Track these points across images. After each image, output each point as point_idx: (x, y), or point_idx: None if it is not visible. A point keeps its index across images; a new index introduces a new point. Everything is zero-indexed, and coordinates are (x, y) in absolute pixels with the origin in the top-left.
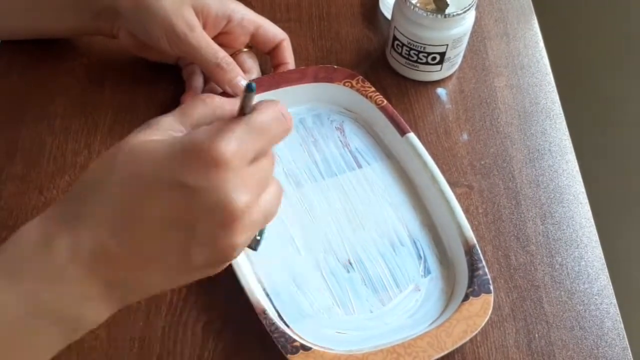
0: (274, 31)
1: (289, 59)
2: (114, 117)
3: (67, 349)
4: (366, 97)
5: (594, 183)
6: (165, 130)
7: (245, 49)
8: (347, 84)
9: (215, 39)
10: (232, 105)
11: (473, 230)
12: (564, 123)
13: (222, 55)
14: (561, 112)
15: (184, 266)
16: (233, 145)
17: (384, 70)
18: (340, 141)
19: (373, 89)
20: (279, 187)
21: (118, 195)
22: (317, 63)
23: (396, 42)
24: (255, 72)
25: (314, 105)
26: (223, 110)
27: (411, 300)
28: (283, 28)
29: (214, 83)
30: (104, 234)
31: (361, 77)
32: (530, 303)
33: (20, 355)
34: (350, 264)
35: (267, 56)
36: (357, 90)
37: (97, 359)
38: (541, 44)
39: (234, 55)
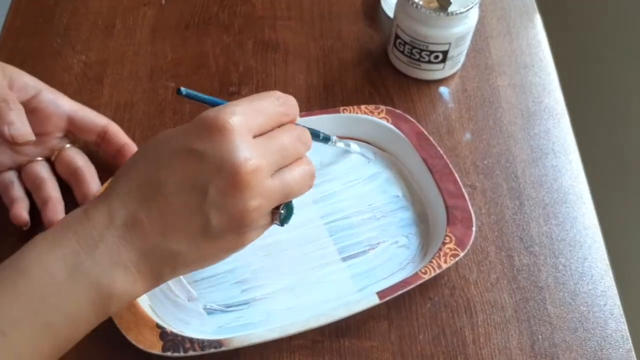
0: (92, 117)
1: (124, 140)
2: (112, 116)
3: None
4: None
5: (598, 183)
6: None
7: (69, 145)
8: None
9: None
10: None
11: (476, 231)
12: (568, 122)
13: (10, 96)
14: (565, 111)
15: (204, 231)
16: (235, 116)
17: (386, 68)
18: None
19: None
20: (308, 169)
21: (143, 170)
22: (318, 62)
23: (398, 41)
24: (90, 167)
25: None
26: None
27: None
28: (284, 26)
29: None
30: (133, 203)
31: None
32: (534, 304)
33: (64, 319)
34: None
35: None
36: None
37: (98, 358)
38: (544, 42)
39: (60, 152)
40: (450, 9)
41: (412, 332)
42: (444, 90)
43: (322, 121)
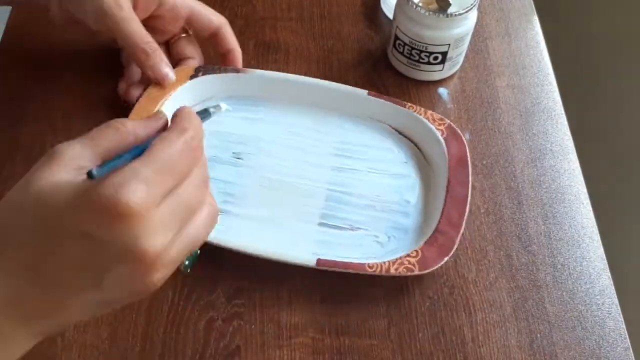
0: (209, 17)
1: (232, 45)
2: (115, 117)
3: (68, 347)
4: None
5: (596, 183)
6: (73, 161)
7: (184, 34)
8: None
9: (146, 22)
10: (145, 130)
11: (475, 230)
12: (566, 123)
13: (147, 40)
14: (563, 112)
15: (101, 303)
16: (138, 193)
17: (386, 69)
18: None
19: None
20: (212, 209)
21: (29, 242)
22: (319, 62)
23: (398, 42)
24: (197, 59)
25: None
26: (135, 137)
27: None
28: (284, 27)
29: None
30: (15, 281)
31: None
32: (532, 303)
33: None
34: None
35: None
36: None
37: (99, 358)
38: (543, 43)
39: (171, 40)
40: (449, 11)
41: (412, 330)
42: (443, 91)
43: (383, 107)
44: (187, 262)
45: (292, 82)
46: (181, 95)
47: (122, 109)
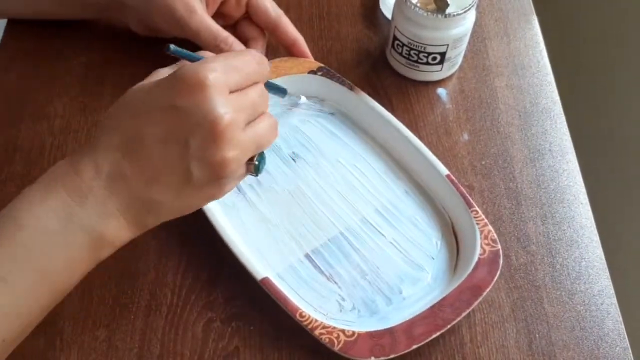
0: (266, 5)
1: (295, 34)
2: None
3: (67, 349)
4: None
5: (595, 183)
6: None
7: (248, 16)
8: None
9: (217, 9)
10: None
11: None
12: (565, 123)
13: (222, 36)
14: (562, 112)
15: (186, 181)
16: (214, 73)
17: (384, 70)
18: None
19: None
20: (272, 121)
21: (124, 123)
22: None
23: (396, 42)
24: (260, 41)
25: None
26: None
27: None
28: None
29: None
30: (117, 156)
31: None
32: (531, 303)
33: (60, 267)
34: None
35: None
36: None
37: (97, 359)
38: (541, 44)
39: (237, 23)
40: (447, 11)
41: None
42: (441, 91)
43: (451, 195)
44: (256, 162)
45: (388, 124)
46: (294, 83)
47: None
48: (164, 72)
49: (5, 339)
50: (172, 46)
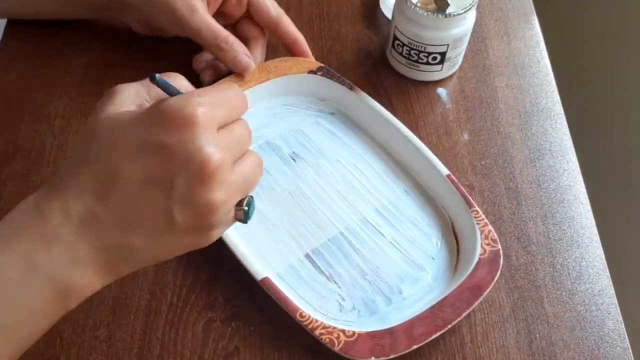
0: (267, 5)
1: (295, 34)
2: None
3: (67, 349)
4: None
5: (595, 183)
6: (133, 98)
7: (248, 15)
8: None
9: (218, 8)
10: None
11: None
12: (565, 123)
13: (223, 35)
14: (562, 112)
15: (168, 227)
16: (201, 108)
17: (385, 70)
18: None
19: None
20: (258, 159)
21: (99, 162)
22: None
23: (397, 42)
24: (260, 40)
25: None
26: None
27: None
28: None
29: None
30: (90, 199)
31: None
32: (531, 303)
33: (20, 319)
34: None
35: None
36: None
37: (97, 359)
38: (542, 43)
39: (238, 22)
40: (448, 11)
41: None
42: (442, 91)
43: (452, 195)
44: (245, 209)
45: (388, 124)
46: (294, 83)
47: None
48: (129, 92)
49: None
50: (157, 76)
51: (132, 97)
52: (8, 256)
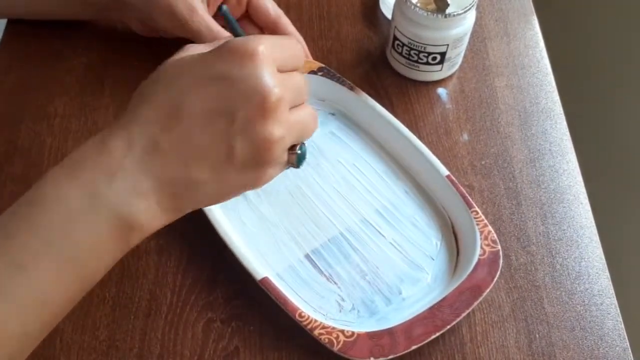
0: (267, 5)
1: (294, 34)
2: (114, 117)
3: (66, 349)
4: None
5: (595, 183)
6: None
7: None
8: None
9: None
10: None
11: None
12: (565, 123)
13: (223, 36)
14: (562, 112)
15: (228, 160)
16: (263, 45)
17: (385, 70)
18: None
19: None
20: (314, 112)
21: (165, 95)
22: None
23: (396, 42)
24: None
25: None
26: None
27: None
28: None
29: None
30: (154, 129)
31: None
32: (531, 303)
33: (85, 254)
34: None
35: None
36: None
37: (97, 359)
38: (542, 44)
39: (239, 21)
40: (447, 11)
41: None
42: (441, 91)
43: (453, 196)
44: (299, 152)
45: (388, 124)
46: None
47: (122, 108)
48: (199, 48)
49: (28, 332)
50: (224, 7)
51: (200, 50)
52: (71, 188)
